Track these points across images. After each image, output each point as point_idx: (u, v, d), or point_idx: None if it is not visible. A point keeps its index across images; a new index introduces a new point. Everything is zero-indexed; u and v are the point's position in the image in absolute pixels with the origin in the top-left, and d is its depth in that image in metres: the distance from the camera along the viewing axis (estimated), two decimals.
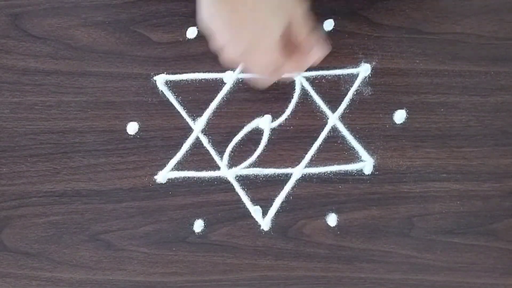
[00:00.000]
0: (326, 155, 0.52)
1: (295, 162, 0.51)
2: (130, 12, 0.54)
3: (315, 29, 0.44)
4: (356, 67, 0.52)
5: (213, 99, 0.52)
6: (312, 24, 0.43)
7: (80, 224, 0.52)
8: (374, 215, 0.51)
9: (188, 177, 0.52)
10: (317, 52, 0.45)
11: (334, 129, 0.52)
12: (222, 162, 0.52)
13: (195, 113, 0.52)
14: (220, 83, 0.53)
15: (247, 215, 0.51)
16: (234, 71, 0.53)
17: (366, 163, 0.51)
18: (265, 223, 0.51)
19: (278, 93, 0.52)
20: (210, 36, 0.43)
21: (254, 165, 0.51)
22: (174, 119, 0.52)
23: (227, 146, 0.52)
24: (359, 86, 0.52)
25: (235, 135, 0.51)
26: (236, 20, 0.41)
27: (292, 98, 0.52)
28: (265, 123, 0.51)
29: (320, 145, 0.52)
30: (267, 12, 0.41)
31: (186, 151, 0.52)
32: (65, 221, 0.52)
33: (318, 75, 0.52)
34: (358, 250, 0.51)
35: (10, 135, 0.53)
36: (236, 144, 0.52)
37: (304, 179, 0.51)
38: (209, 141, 0.52)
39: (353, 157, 0.52)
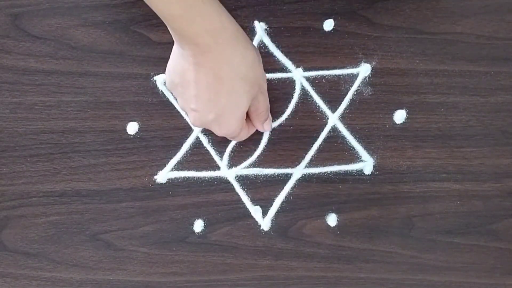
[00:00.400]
0: (326, 155, 0.52)
1: (295, 162, 0.51)
2: (130, 12, 0.54)
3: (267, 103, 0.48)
4: (356, 67, 0.52)
5: None
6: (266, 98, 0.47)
7: (80, 224, 0.52)
8: (374, 215, 0.51)
9: (188, 177, 0.52)
10: (268, 126, 0.50)
11: (334, 129, 0.52)
12: (222, 162, 0.52)
13: None
14: None
15: (247, 215, 0.51)
16: None
17: (366, 163, 0.51)
18: (265, 223, 0.51)
19: (278, 93, 0.52)
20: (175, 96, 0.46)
21: (254, 165, 0.51)
22: (174, 119, 0.52)
23: (227, 146, 0.52)
24: (359, 86, 0.52)
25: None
26: (210, 94, 0.43)
27: (292, 98, 0.52)
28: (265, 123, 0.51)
29: (320, 145, 0.52)
30: (240, 88, 0.43)
31: (186, 151, 0.52)
32: (65, 221, 0.52)
33: (318, 75, 0.52)
34: (358, 250, 0.51)
35: (10, 135, 0.53)
36: (236, 144, 0.52)
37: (304, 179, 0.51)
38: (209, 141, 0.52)
39: (353, 157, 0.52)
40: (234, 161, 0.52)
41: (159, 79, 0.53)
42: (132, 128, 0.53)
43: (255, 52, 0.44)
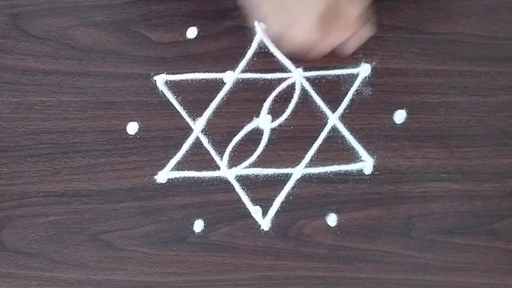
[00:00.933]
0: (326, 155, 0.52)
1: (295, 162, 0.51)
2: (130, 12, 0.54)
3: (362, 5, 0.44)
4: (356, 67, 0.52)
5: (213, 99, 0.52)
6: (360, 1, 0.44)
7: (80, 224, 0.52)
8: (374, 215, 0.51)
9: (188, 177, 0.52)
10: (365, 32, 0.46)
11: (334, 129, 0.52)
12: (222, 162, 0.52)
13: (195, 113, 0.52)
14: (220, 83, 0.53)
15: (247, 215, 0.51)
16: (234, 71, 0.53)
17: (366, 163, 0.51)
18: (265, 223, 0.51)
19: (278, 93, 0.52)
20: (249, 9, 0.43)
21: (254, 165, 0.51)
22: (174, 119, 0.52)
23: (227, 146, 0.52)
24: (359, 86, 0.52)
25: (235, 135, 0.51)
26: None
27: (292, 98, 0.52)
28: (265, 123, 0.51)
29: (320, 145, 0.52)
30: None
31: (186, 151, 0.52)
32: (65, 221, 0.52)
33: (318, 75, 0.52)
34: (358, 250, 0.51)
35: (10, 135, 0.53)
36: (236, 144, 0.52)
37: (304, 179, 0.51)
38: (209, 141, 0.52)
39: (353, 157, 0.52)
40: (234, 161, 0.52)
41: (159, 79, 0.53)
42: (132, 128, 0.53)
43: None
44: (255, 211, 0.51)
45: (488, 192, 0.51)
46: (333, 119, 0.52)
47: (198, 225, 0.51)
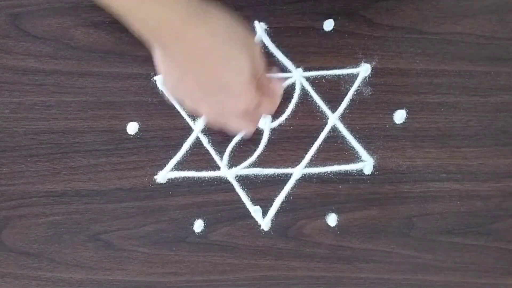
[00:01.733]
0: (326, 155, 0.52)
1: (295, 162, 0.51)
2: None
3: (270, 67, 0.44)
4: (356, 67, 0.52)
5: None
6: (265, 59, 0.43)
7: (80, 224, 0.52)
8: (374, 215, 0.51)
9: (188, 177, 0.52)
10: (280, 89, 0.45)
11: (334, 129, 0.52)
12: (222, 162, 0.52)
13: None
14: None
15: (247, 215, 0.51)
16: None
17: (366, 163, 0.51)
18: (265, 223, 0.51)
19: None
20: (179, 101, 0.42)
21: (254, 165, 0.51)
22: (174, 119, 0.52)
23: (227, 146, 0.52)
24: (359, 86, 0.52)
25: (235, 135, 0.51)
26: (207, 72, 0.39)
27: (292, 98, 0.52)
28: (265, 123, 0.51)
29: (320, 145, 0.52)
30: (233, 49, 0.39)
31: (186, 151, 0.52)
32: (65, 221, 0.52)
33: (318, 75, 0.52)
34: (358, 250, 0.51)
35: (10, 135, 0.53)
36: (236, 144, 0.52)
37: (304, 179, 0.51)
38: (209, 141, 0.52)
39: (353, 157, 0.52)
40: (234, 161, 0.52)
41: (159, 79, 0.53)
42: (132, 128, 0.53)
43: (224, 11, 0.40)
44: (255, 211, 0.51)
45: (488, 192, 0.51)
46: (333, 119, 0.52)
47: (198, 225, 0.51)
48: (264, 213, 0.51)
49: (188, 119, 0.52)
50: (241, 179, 0.52)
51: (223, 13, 0.39)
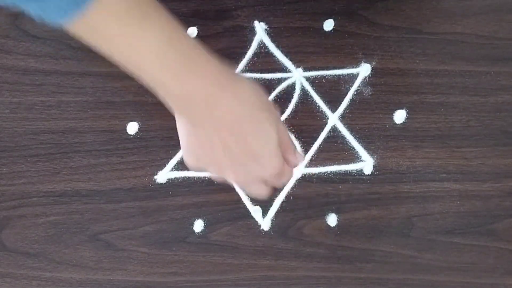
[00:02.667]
0: (326, 155, 0.52)
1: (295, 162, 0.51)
2: None
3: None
4: (356, 67, 0.52)
5: None
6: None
7: (80, 224, 0.52)
8: (374, 215, 0.51)
9: (188, 177, 0.52)
10: (300, 156, 0.45)
11: (334, 129, 0.52)
12: None
13: None
14: None
15: (247, 215, 0.51)
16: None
17: (366, 163, 0.51)
18: (265, 223, 0.51)
19: (278, 93, 0.52)
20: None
21: None
22: (174, 119, 0.52)
23: None
24: (359, 86, 0.52)
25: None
26: (238, 142, 0.40)
27: (292, 98, 0.52)
28: None
29: (320, 145, 0.52)
30: (262, 118, 0.40)
31: None
32: (65, 221, 0.52)
33: (318, 75, 0.52)
34: (358, 250, 0.51)
35: (10, 135, 0.53)
36: None
37: (304, 179, 0.51)
38: None
39: (353, 157, 0.52)
40: None
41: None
42: (132, 128, 0.53)
43: (248, 79, 0.41)
44: (255, 211, 0.51)
45: (488, 192, 0.51)
46: (333, 119, 0.52)
47: (198, 225, 0.51)
48: (264, 213, 0.51)
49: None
50: None
51: (248, 81, 0.40)
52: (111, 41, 0.34)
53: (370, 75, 0.52)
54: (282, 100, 0.52)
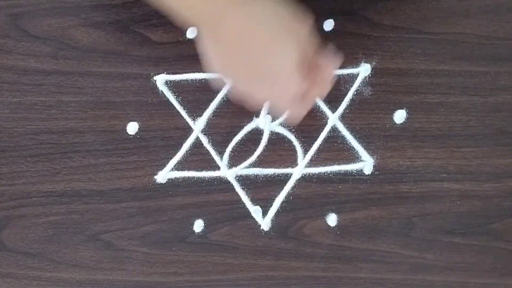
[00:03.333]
0: (326, 155, 0.52)
1: (295, 162, 0.51)
2: (130, 12, 0.54)
3: (322, 44, 0.43)
4: (356, 67, 0.52)
5: (213, 99, 0.52)
6: (318, 40, 0.42)
7: (80, 224, 0.52)
8: (374, 215, 0.51)
9: (188, 177, 0.52)
10: (335, 66, 0.44)
11: (334, 129, 0.52)
12: (222, 162, 0.51)
13: (195, 113, 0.52)
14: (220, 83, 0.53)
15: (247, 215, 0.51)
16: None
17: (366, 163, 0.51)
18: (265, 223, 0.51)
19: None
20: (226, 84, 0.42)
21: (254, 165, 0.51)
22: (174, 119, 0.52)
23: (227, 146, 0.52)
24: (359, 86, 0.52)
25: (235, 135, 0.51)
26: (249, 58, 0.39)
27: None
28: (265, 123, 0.51)
29: (320, 145, 0.52)
30: (278, 43, 0.39)
31: (186, 151, 0.52)
32: (65, 221, 0.52)
33: None
34: (358, 250, 0.51)
35: (10, 135, 0.53)
36: (236, 144, 0.52)
37: (304, 179, 0.51)
38: (209, 141, 0.52)
39: (353, 157, 0.52)
40: (234, 161, 0.52)
41: (159, 79, 0.53)
42: (132, 128, 0.53)
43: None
44: (255, 211, 0.51)
45: (488, 192, 0.51)
46: (333, 119, 0.52)
47: (198, 225, 0.51)
48: (264, 213, 0.51)
49: (188, 119, 0.52)
50: (241, 179, 0.52)
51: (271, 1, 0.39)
52: None
53: (370, 75, 0.52)
54: None
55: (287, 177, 0.51)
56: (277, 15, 0.39)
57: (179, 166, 0.52)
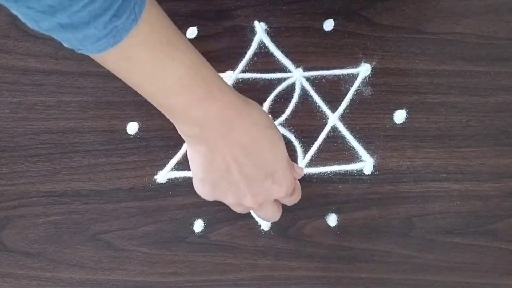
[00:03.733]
0: (326, 155, 0.52)
1: (295, 162, 0.51)
2: None
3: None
4: (356, 67, 0.52)
5: None
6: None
7: (80, 224, 0.52)
8: (374, 215, 0.51)
9: (188, 177, 0.52)
10: (301, 171, 0.47)
11: (334, 129, 0.52)
12: None
13: None
14: None
15: (247, 215, 0.51)
16: (234, 71, 0.53)
17: (366, 163, 0.51)
18: (265, 223, 0.51)
19: (278, 93, 0.52)
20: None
21: None
22: None
23: None
24: (359, 86, 0.52)
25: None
26: (254, 161, 0.42)
27: (292, 98, 0.52)
28: None
29: (320, 145, 0.52)
30: (273, 136, 0.42)
31: (186, 151, 0.52)
32: (65, 221, 0.52)
33: (318, 75, 0.52)
34: (358, 250, 0.51)
35: (10, 135, 0.53)
36: None
37: (304, 179, 0.51)
38: None
39: (353, 157, 0.52)
40: None
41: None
42: (132, 128, 0.53)
43: (255, 102, 0.44)
44: None
45: (488, 192, 0.51)
46: (333, 119, 0.52)
47: (198, 225, 0.51)
48: None
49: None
50: None
51: (256, 104, 0.43)
52: (142, 68, 0.37)
53: (370, 75, 0.52)
54: (282, 100, 0.52)
55: None
56: (268, 119, 0.43)
57: (179, 166, 0.52)
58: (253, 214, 0.51)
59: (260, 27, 0.53)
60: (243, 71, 0.53)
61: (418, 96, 0.52)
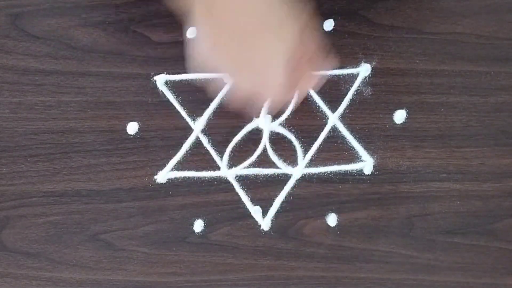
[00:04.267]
0: (326, 155, 0.52)
1: (295, 162, 0.51)
2: (130, 12, 0.54)
3: (317, 40, 0.42)
4: (356, 67, 0.52)
5: (213, 99, 0.52)
6: (315, 38, 0.42)
7: (80, 224, 0.52)
8: (374, 215, 0.51)
9: (188, 177, 0.52)
10: (328, 65, 0.44)
11: (334, 129, 0.52)
12: (222, 162, 0.51)
13: (195, 113, 0.52)
14: (220, 83, 0.53)
15: (247, 215, 0.51)
16: None
17: (366, 163, 0.51)
18: (265, 223, 0.51)
19: None
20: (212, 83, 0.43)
21: (254, 165, 0.51)
22: (174, 119, 0.52)
23: (227, 146, 0.52)
24: (359, 86, 0.52)
25: (235, 135, 0.51)
26: (238, 54, 0.39)
27: (292, 98, 0.52)
28: (265, 123, 0.51)
29: (320, 145, 0.52)
30: (268, 31, 0.39)
31: (186, 151, 0.52)
32: (65, 221, 0.52)
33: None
34: (358, 250, 0.51)
35: (10, 135, 0.53)
36: (236, 144, 0.52)
37: (304, 179, 0.51)
38: (209, 141, 0.52)
39: (353, 157, 0.52)
40: (234, 161, 0.52)
41: (159, 79, 0.53)
42: (132, 128, 0.53)
43: None
44: (255, 211, 0.51)
45: (488, 192, 0.51)
46: (333, 119, 0.52)
47: (198, 225, 0.51)
48: (264, 213, 0.51)
49: (188, 119, 0.52)
50: (241, 179, 0.52)
51: None
52: None
53: (370, 75, 0.52)
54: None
55: (287, 177, 0.51)
56: (271, 3, 0.39)
57: (179, 166, 0.52)
58: (253, 214, 0.51)
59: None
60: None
61: (418, 96, 0.52)
